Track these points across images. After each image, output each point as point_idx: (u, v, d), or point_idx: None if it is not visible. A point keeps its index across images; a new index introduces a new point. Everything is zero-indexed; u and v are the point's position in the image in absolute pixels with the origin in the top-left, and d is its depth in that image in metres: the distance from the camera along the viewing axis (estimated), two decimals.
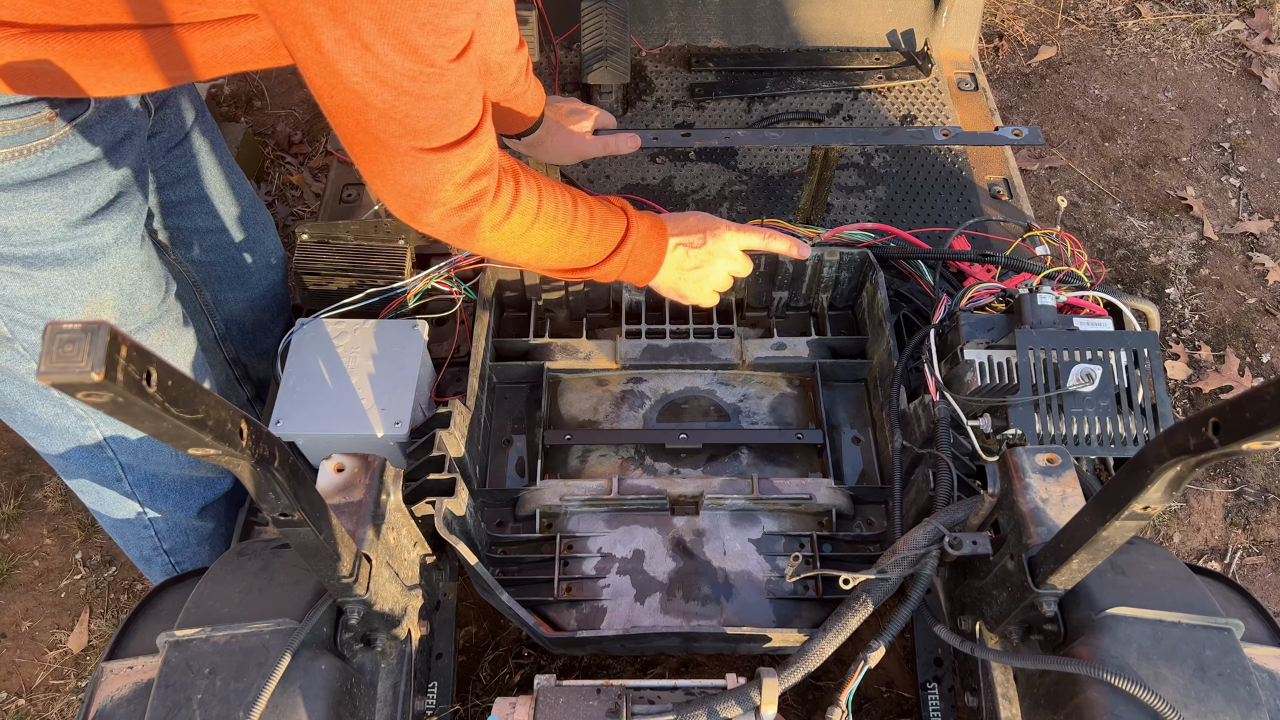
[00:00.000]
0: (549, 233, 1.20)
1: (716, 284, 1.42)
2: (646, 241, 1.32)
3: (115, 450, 1.42)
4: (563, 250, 1.24)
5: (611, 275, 1.32)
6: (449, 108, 0.97)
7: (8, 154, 1.06)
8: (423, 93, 0.93)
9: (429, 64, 0.91)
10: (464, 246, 1.18)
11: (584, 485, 1.48)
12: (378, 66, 0.88)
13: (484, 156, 1.06)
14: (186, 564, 1.64)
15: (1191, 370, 2.45)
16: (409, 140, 0.98)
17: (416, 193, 1.05)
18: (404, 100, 0.93)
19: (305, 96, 3.07)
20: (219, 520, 1.64)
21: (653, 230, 1.33)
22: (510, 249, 1.20)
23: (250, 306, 1.71)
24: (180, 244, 1.53)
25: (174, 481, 1.51)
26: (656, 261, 1.35)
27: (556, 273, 1.30)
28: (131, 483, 1.47)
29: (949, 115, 2.18)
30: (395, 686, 1.15)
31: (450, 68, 0.93)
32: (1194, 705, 0.96)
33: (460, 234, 1.13)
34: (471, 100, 1.00)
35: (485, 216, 1.11)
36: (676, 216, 1.40)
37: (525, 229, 1.17)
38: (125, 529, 1.56)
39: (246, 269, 1.65)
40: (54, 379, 0.51)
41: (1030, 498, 1.08)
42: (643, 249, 1.32)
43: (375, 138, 0.98)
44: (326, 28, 0.85)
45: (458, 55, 0.93)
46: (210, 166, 1.50)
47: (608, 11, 2.04)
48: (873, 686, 1.82)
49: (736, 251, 1.41)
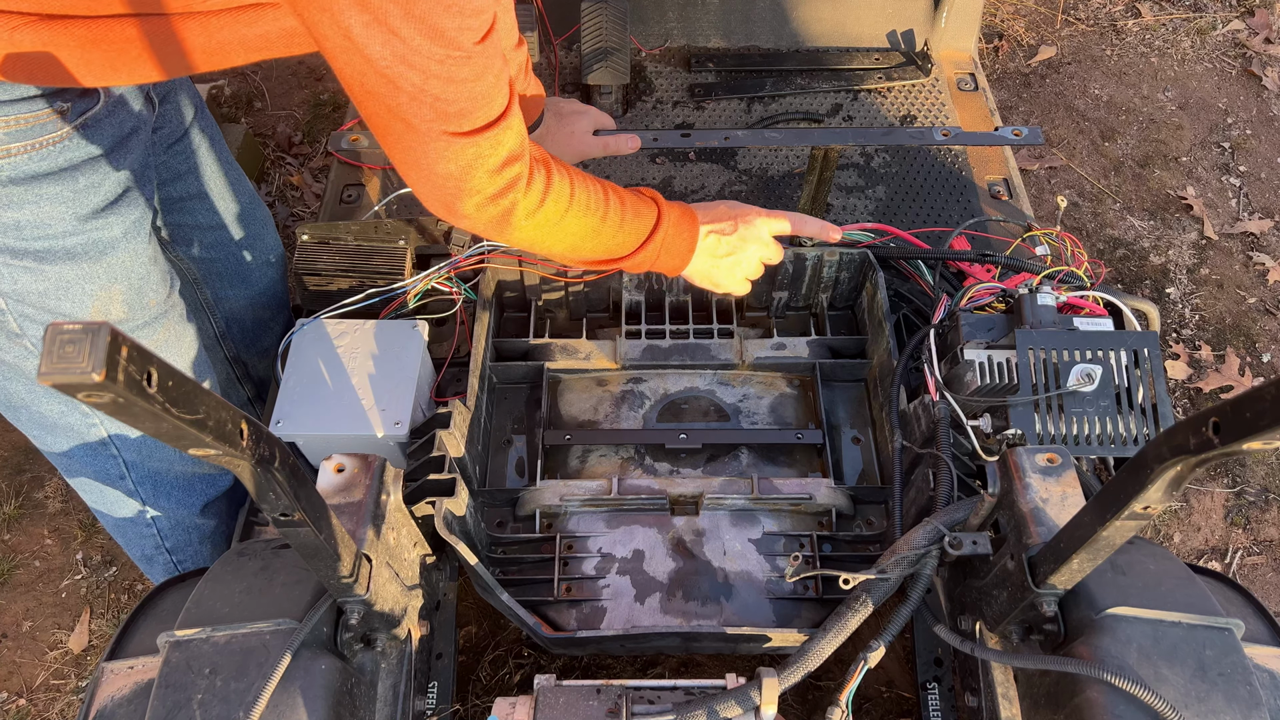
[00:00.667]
0: (582, 221, 1.19)
1: (749, 271, 1.41)
2: (678, 230, 1.31)
3: (119, 448, 1.42)
4: (596, 239, 1.23)
5: (644, 265, 1.31)
6: (478, 90, 0.97)
7: (21, 148, 1.07)
8: (451, 75, 0.93)
9: (456, 47, 0.91)
10: (500, 238, 1.17)
11: (584, 485, 1.48)
12: (405, 50, 0.89)
13: (514, 141, 1.06)
14: (188, 563, 1.64)
15: (1191, 370, 2.45)
16: (440, 124, 0.98)
17: (451, 181, 1.05)
18: (433, 83, 0.93)
19: (305, 97, 3.07)
20: (220, 518, 1.64)
21: (683, 219, 1.32)
22: (545, 238, 1.19)
23: (250, 304, 1.71)
24: (180, 240, 1.53)
25: (177, 478, 1.51)
26: (688, 250, 1.34)
27: (589, 263, 1.29)
28: (135, 480, 1.47)
29: (949, 115, 2.18)
30: (395, 686, 1.15)
31: (477, 50, 0.93)
32: (1194, 705, 0.96)
33: (496, 224, 1.13)
34: (499, 82, 1.00)
35: (520, 204, 1.11)
36: (706, 205, 1.39)
37: (559, 217, 1.17)
38: (127, 528, 1.56)
39: (246, 266, 1.65)
40: (54, 379, 0.51)
41: (1030, 498, 1.08)
42: (674, 238, 1.31)
43: (407, 124, 0.98)
44: (353, 13, 0.86)
45: (483, 37, 0.94)
46: (210, 163, 1.51)
47: (608, 12, 2.04)
48: (873, 686, 1.82)
49: (768, 237, 1.40)
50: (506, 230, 1.14)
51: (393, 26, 0.87)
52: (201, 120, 1.48)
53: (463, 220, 1.11)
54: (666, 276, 1.60)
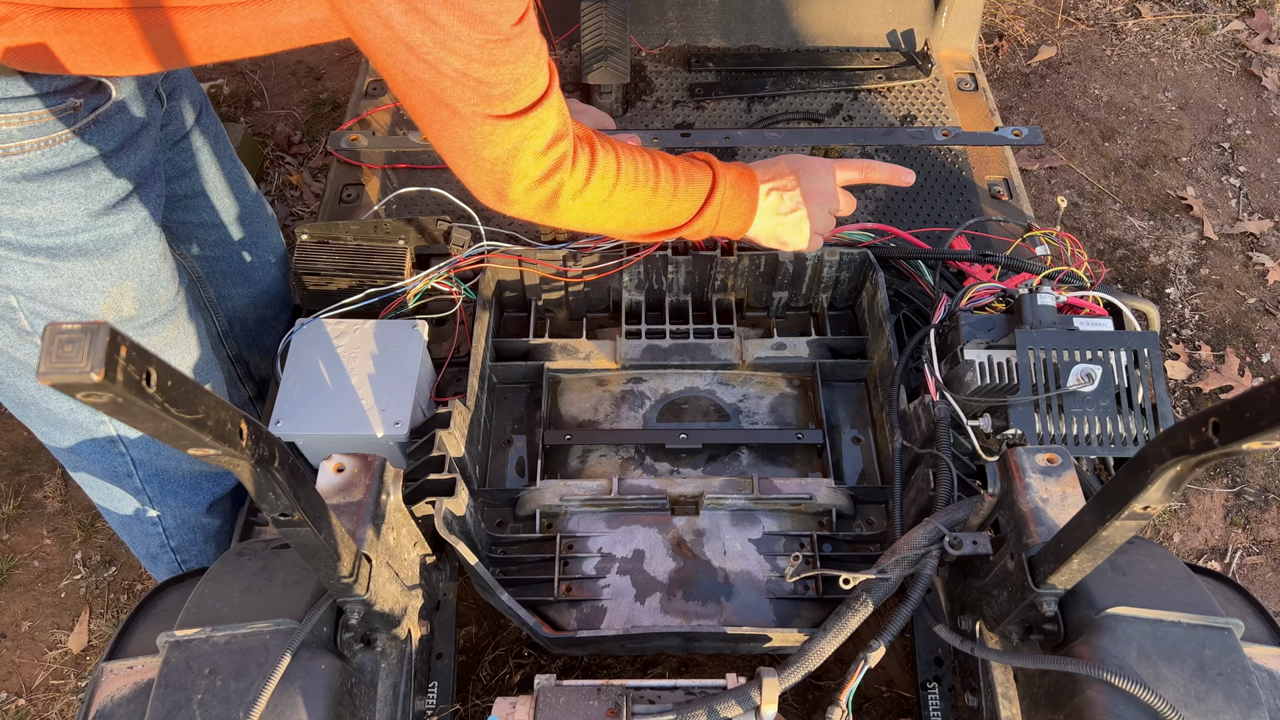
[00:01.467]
0: (632, 194, 1.18)
1: (819, 226, 1.38)
2: (736, 191, 1.28)
3: (127, 445, 1.42)
4: (650, 211, 1.21)
5: (705, 231, 1.28)
6: (520, 71, 0.97)
7: (35, 144, 1.07)
8: (493, 58, 0.94)
9: (495, 30, 0.91)
10: (550, 222, 1.16)
11: (584, 485, 1.48)
12: (445, 36, 0.90)
13: (558, 121, 1.06)
14: (192, 562, 1.64)
15: (1191, 370, 2.45)
16: (484, 108, 0.98)
17: (499, 166, 1.04)
18: (475, 66, 0.94)
19: (304, 97, 3.07)
20: (226, 517, 1.64)
21: (741, 179, 1.29)
22: (595, 216, 1.18)
23: (253, 303, 1.71)
24: (183, 238, 1.54)
25: (184, 477, 1.51)
26: (750, 210, 1.30)
27: (648, 236, 1.27)
28: (142, 478, 1.47)
29: (949, 115, 2.18)
30: (395, 686, 1.15)
31: (515, 31, 0.94)
32: (1194, 705, 0.96)
33: (545, 208, 1.12)
34: (540, 62, 1.00)
35: (566, 185, 1.10)
36: (766, 162, 1.35)
37: (607, 193, 1.15)
38: (133, 525, 1.57)
39: (248, 266, 1.66)
40: (54, 379, 0.51)
41: (1030, 498, 1.08)
42: (733, 200, 1.28)
43: (452, 110, 0.98)
44: (393, 3, 0.87)
45: (520, 18, 0.94)
46: (213, 161, 1.51)
47: (608, 12, 2.04)
48: (873, 686, 1.82)
49: (833, 189, 1.36)
50: (555, 212, 1.13)
51: (431, 15, 0.88)
52: (205, 118, 1.49)
53: (513, 206, 1.11)
54: (728, 239, 1.54)
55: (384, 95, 2.19)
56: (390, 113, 2.15)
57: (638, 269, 1.65)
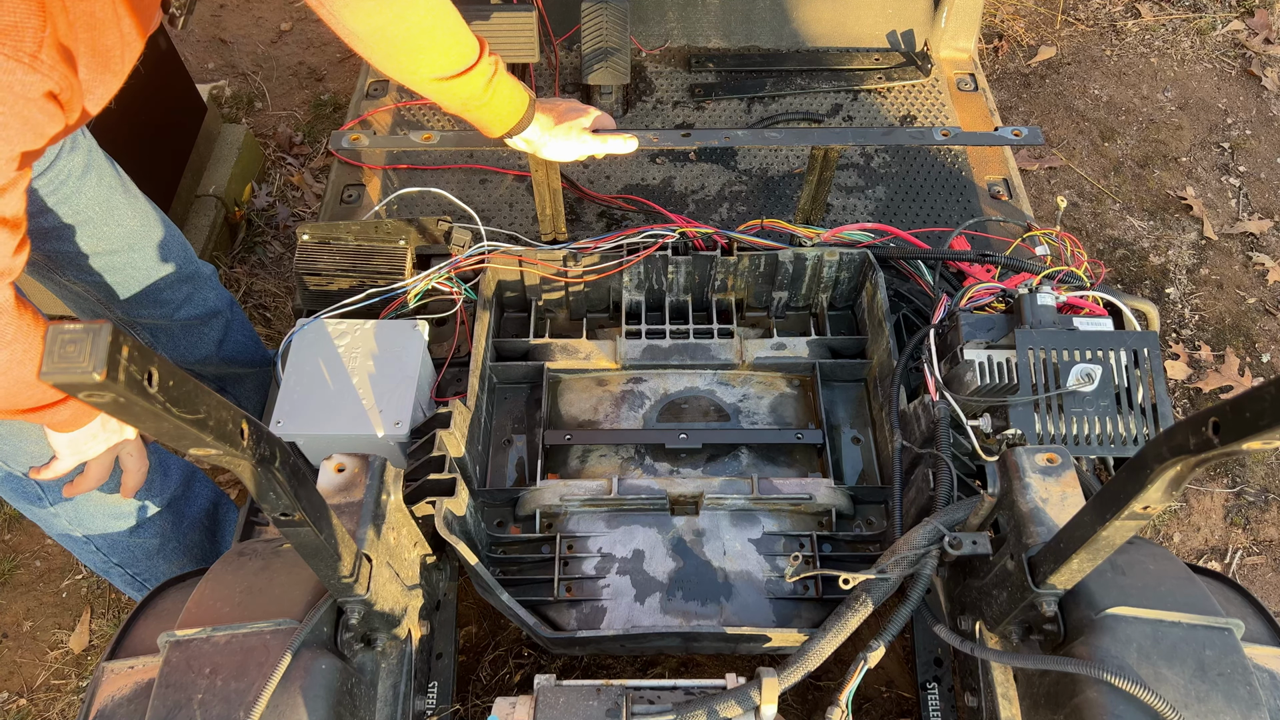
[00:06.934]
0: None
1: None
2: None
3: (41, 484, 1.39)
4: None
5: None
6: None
7: None
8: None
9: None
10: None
11: (584, 485, 1.48)
12: None
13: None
14: (144, 575, 1.63)
15: (1191, 370, 2.45)
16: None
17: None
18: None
19: (305, 98, 3.07)
20: (163, 536, 1.60)
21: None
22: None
23: (169, 320, 1.69)
24: (64, 266, 1.49)
25: (97, 506, 1.48)
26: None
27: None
28: (51, 502, 1.45)
29: (949, 115, 2.18)
30: (395, 686, 1.15)
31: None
32: (1194, 705, 0.96)
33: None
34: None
35: None
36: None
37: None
38: (71, 545, 1.55)
39: (153, 287, 1.62)
40: (56, 379, 0.51)
41: (1030, 498, 1.08)
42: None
43: None
44: None
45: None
46: (84, 192, 1.43)
47: (608, 12, 2.04)
48: (873, 686, 1.82)
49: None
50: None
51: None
52: (73, 140, 1.39)
53: None
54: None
55: (385, 96, 2.19)
56: (391, 114, 2.15)
57: (638, 269, 1.65)
